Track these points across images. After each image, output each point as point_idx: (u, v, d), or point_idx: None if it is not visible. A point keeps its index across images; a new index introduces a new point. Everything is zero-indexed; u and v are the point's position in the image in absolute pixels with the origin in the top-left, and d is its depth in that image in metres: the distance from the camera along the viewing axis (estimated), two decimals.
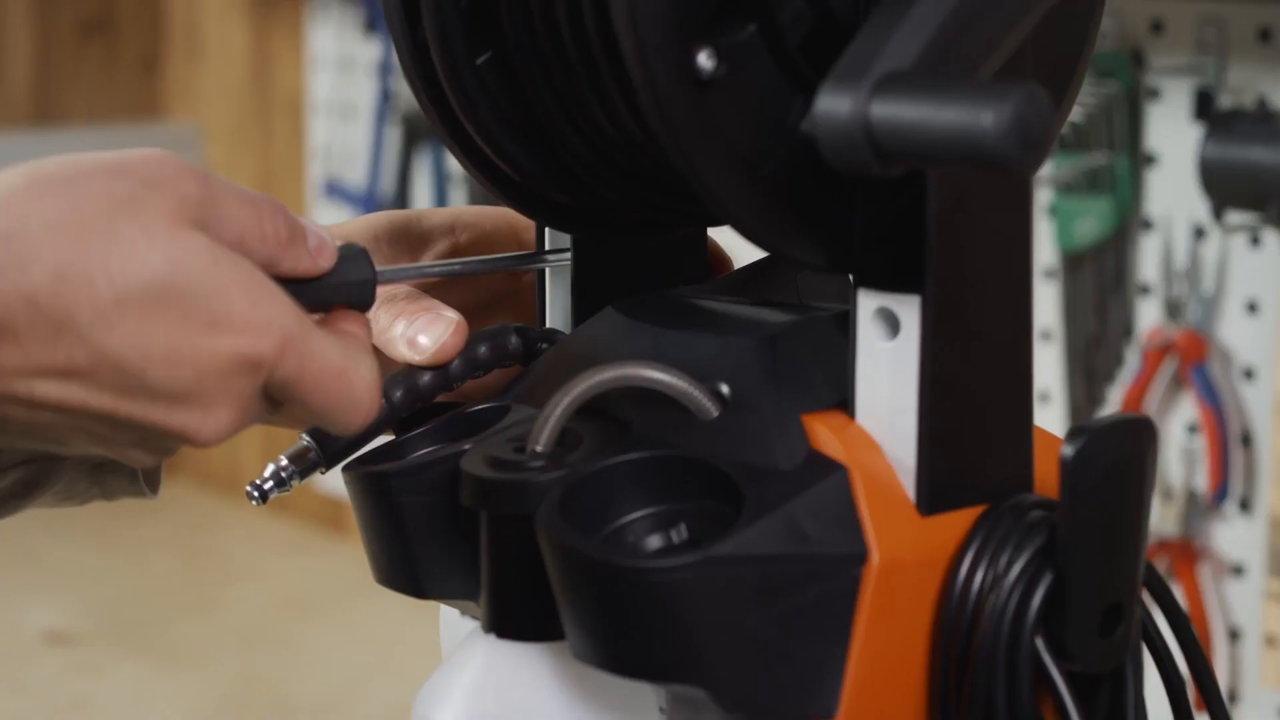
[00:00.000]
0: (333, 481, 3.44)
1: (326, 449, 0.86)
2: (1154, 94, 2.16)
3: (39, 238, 0.72)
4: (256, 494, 0.86)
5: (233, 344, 0.73)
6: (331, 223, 0.93)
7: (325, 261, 0.79)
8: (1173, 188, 2.15)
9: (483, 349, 0.87)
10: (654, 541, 0.77)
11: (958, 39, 0.73)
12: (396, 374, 0.87)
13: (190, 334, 0.73)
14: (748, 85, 0.77)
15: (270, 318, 0.74)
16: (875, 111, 0.70)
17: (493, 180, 0.86)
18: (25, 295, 0.71)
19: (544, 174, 0.85)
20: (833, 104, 0.71)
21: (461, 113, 0.84)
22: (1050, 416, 2.26)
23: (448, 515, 0.82)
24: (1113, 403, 2.22)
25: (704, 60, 0.75)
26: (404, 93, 3.01)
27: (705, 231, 0.93)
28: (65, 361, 0.72)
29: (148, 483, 1.00)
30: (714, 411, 0.79)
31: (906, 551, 0.76)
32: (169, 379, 0.73)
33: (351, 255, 0.80)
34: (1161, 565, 2.13)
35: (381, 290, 0.86)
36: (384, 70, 3.09)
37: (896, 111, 0.70)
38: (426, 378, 0.87)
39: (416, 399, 0.87)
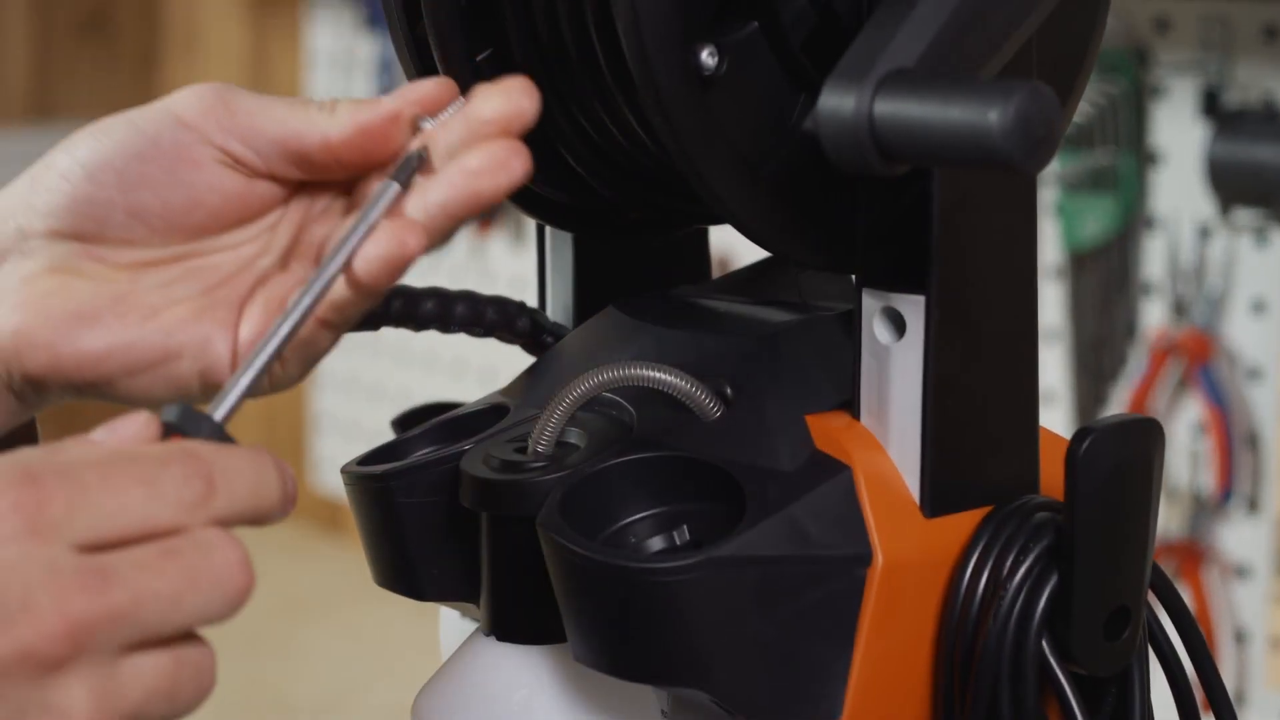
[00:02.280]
0: (332, 482, 3.43)
1: None
2: (1159, 92, 2.16)
3: None
4: None
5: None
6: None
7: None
8: (1178, 186, 2.15)
9: (490, 311, 0.87)
10: (656, 543, 0.76)
11: (961, 37, 0.73)
12: (400, 286, 0.85)
13: None
14: (750, 84, 0.76)
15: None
16: (879, 110, 0.70)
17: None
18: None
19: (544, 173, 0.85)
20: (836, 102, 0.70)
21: None
22: (1055, 417, 2.25)
23: (447, 516, 0.82)
24: (1118, 403, 2.22)
25: (706, 58, 0.75)
26: None
27: (707, 231, 0.92)
28: None
29: None
30: (716, 411, 0.78)
31: (910, 553, 0.76)
32: None
33: (187, 420, 0.68)
34: (1167, 567, 2.13)
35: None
36: (383, 68, 3.09)
37: (900, 110, 0.69)
38: (429, 305, 0.86)
39: (410, 318, 0.86)
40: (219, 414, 0.68)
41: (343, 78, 3.23)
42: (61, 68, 3.55)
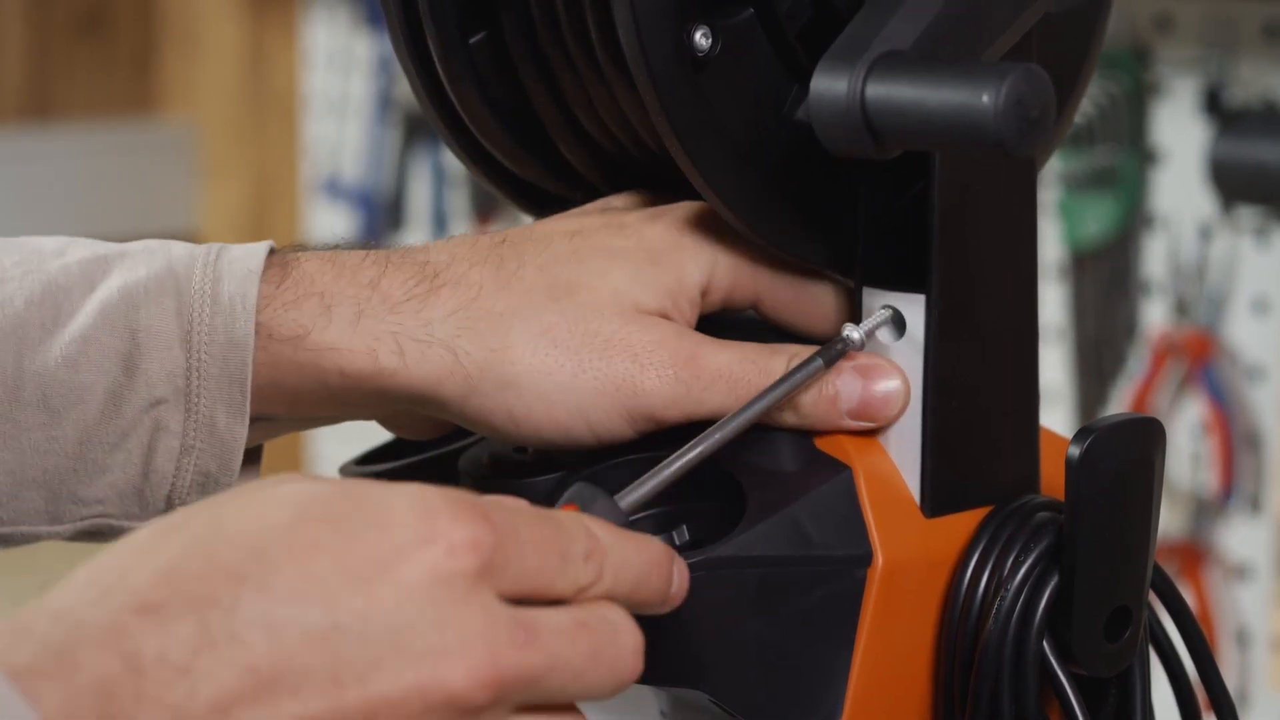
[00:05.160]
0: None
1: None
2: (1160, 90, 2.15)
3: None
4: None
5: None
6: None
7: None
8: (1179, 185, 2.15)
9: None
10: None
11: (957, 24, 0.73)
12: None
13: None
14: (743, 69, 0.76)
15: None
16: (871, 92, 0.69)
17: (487, 173, 0.85)
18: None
19: (536, 162, 0.84)
20: (828, 84, 0.70)
21: (453, 94, 0.83)
22: (1057, 417, 2.25)
23: None
24: (1119, 403, 2.21)
25: (700, 39, 0.74)
26: (402, 90, 3.01)
27: None
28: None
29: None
30: None
31: (911, 553, 0.76)
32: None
33: (595, 503, 0.69)
34: (1169, 567, 2.13)
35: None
36: (381, 66, 3.08)
37: (892, 92, 0.69)
38: None
39: None
40: (625, 503, 0.70)
41: (341, 76, 3.23)
42: (58, 67, 3.54)
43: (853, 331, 0.76)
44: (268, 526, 0.60)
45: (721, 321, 0.80)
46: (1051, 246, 2.24)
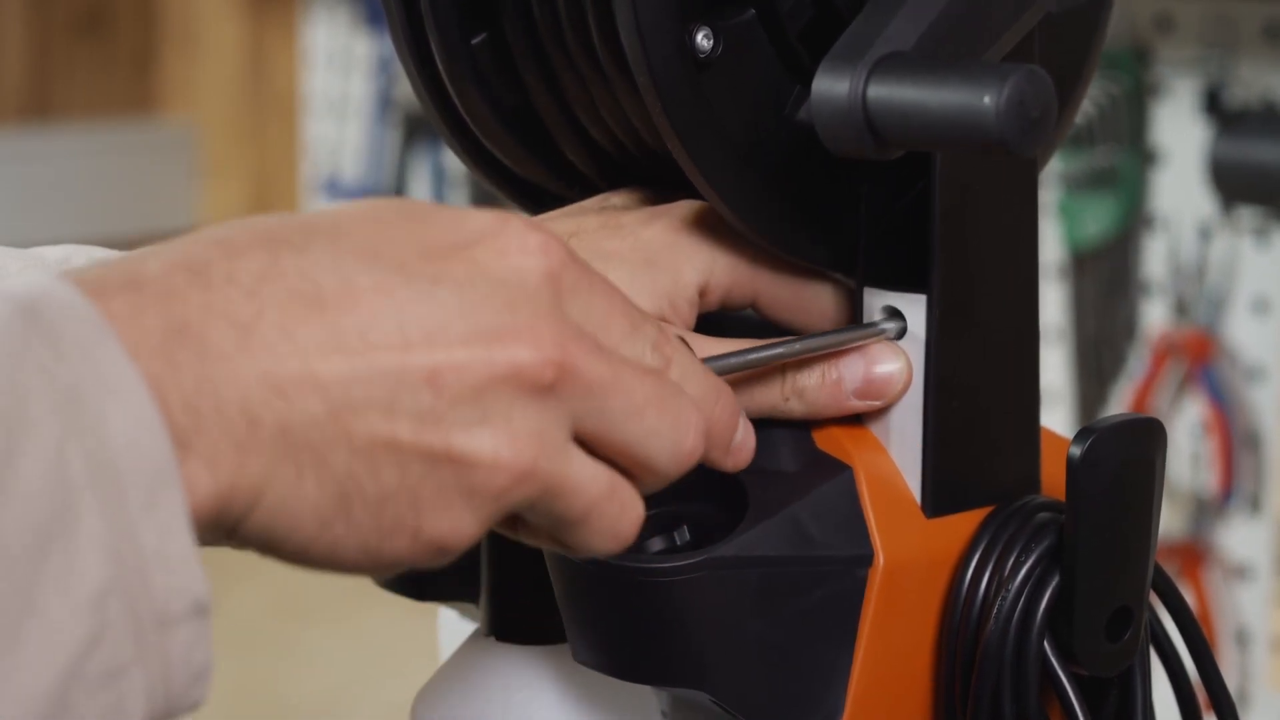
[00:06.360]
0: None
1: None
2: (1161, 90, 2.15)
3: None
4: None
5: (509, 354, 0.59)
6: None
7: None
8: (1179, 185, 2.15)
9: None
10: (656, 543, 0.76)
11: (959, 25, 0.73)
12: None
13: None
14: (745, 70, 0.76)
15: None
16: (873, 92, 0.70)
17: (488, 173, 0.86)
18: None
19: (537, 161, 0.84)
20: (830, 85, 0.70)
21: (454, 94, 0.83)
22: (1057, 417, 2.25)
23: None
24: (1119, 403, 2.21)
25: (701, 40, 0.75)
26: (402, 90, 3.01)
27: None
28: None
29: None
30: None
31: (912, 553, 0.76)
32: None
33: None
34: (1169, 567, 2.13)
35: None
36: (381, 66, 3.08)
37: (894, 93, 0.69)
38: None
39: None
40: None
41: (341, 76, 3.23)
42: (58, 67, 3.54)
43: None
44: (343, 209, 0.60)
45: (721, 321, 0.80)
46: (1051, 247, 2.24)
